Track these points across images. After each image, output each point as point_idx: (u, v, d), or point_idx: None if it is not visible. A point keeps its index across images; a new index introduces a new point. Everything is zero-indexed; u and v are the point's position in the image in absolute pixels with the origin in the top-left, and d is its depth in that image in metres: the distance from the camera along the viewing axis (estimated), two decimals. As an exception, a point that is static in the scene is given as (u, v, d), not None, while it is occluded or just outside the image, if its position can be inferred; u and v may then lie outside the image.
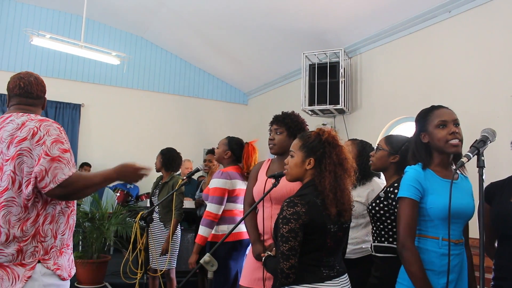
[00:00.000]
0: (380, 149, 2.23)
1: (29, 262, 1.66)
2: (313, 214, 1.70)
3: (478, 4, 3.96)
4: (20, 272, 1.64)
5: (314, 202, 1.73)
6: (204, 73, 8.34)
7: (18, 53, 6.85)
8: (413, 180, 1.80)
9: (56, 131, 1.73)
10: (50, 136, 1.70)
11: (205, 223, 3.00)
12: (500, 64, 3.75)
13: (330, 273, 1.75)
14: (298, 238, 1.67)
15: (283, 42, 6.08)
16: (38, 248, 1.69)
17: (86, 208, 5.00)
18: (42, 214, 1.71)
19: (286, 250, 1.67)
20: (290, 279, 1.68)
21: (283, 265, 1.67)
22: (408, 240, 1.74)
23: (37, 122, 1.73)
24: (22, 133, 1.69)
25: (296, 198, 1.74)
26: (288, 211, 1.69)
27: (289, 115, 2.52)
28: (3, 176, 1.67)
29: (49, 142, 1.68)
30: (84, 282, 4.55)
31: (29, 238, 1.67)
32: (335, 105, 5.33)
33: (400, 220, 1.78)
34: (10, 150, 1.68)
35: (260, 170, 2.59)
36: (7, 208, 1.65)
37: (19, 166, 1.67)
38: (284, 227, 1.68)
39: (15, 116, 1.78)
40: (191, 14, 6.39)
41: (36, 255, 1.68)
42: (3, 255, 1.63)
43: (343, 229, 1.82)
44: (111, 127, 7.47)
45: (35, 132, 1.69)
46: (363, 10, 4.82)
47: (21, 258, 1.65)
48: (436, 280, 1.75)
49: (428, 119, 1.87)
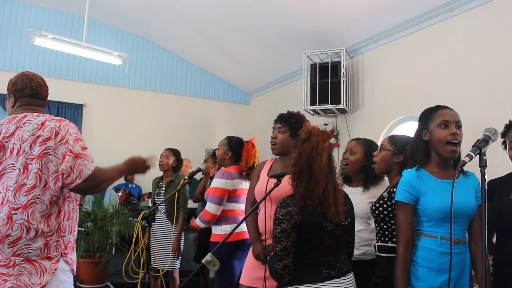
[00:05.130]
0: (384, 149, 2.22)
1: (55, 255, 1.75)
2: (305, 214, 1.71)
3: (480, 3, 3.95)
4: (47, 265, 1.72)
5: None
6: (205, 73, 8.35)
7: (20, 54, 6.86)
8: (406, 184, 1.85)
9: (75, 130, 1.84)
10: (71, 135, 1.80)
11: (202, 220, 3.03)
12: (502, 63, 3.74)
13: (331, 273, 1.75)
14: (290, 238, 1.68)
15: (284, 42, 6.08)
16: (59, 242, 1.78)
17: (88, 208, 5.01)
18: (63, 210, 1.80)
19: (279, 251, 1.68)
20: (284, 279, 1.69)
21: (277, 266, 1.69)
22: (399, 243, 1.81)
23: (56, 122, 1.81)
24: (45, 132, 1.76)
25: (288, 199, 1.75)
26: (281, 212, 1.71)
27: (294, 115, 2.51)
28: (30, 174, 1.73)
29: (71, 141, 1.78)
30: (86, 282, 4.56)
31: (54, 233, 1.76)
32: (337, 105, 5.33)
33: (395, 222, 1.88)
34: (35, 149, 1.74)
35: (263, 170, 2.59)
36: (35, 205, 1.72)
37: (46, 165, 1.74)
38: (276, 227, 1.70)
39: (30, 116, 1.83)
40: (193, 14, 6.39)
41: (59, 248, 1.77)
42: (32, 249, 1.71)
43: (343, 227, 1.81)
44: (113, 127, 7.48)
45: (57, 132, 1.77)
46: (365, 10, 4.81)
47: (47, 252, 1.73)
48: (434, 278, 1.77)
49: (431, 118, 1.88)
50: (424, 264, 1.79)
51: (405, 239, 1.81)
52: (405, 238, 1.81)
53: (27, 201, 1.71)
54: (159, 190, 4.13)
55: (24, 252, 1.69)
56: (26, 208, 1.70)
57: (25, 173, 1.73)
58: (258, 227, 2.49)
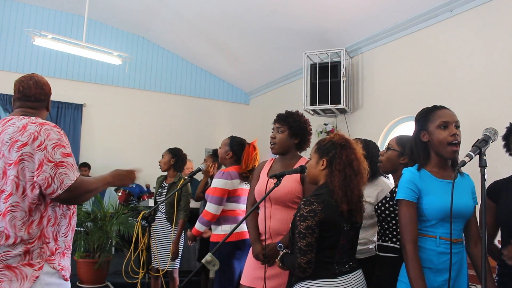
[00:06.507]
0: (391, 149, 2.22)
1: (37, 263, 1.70)
2: (328, 212, 1.80)
3: (480, 3, 3.95)
4: (29, 272, 1.67)
5: (329, 201, 1.82)
6: (205, 73, 8.35)
7: (20, 54, 6.87)
8: (408, 182, 1.83)
9: (57, 135, 1.74)
10: (51, 140, 1.72)
11: (201, 221, 3.03)
12: (502, 63, 3.75)
13: (343, 269, 1.84)
14: (314, 234, 1.77)
15: (284, 42, 6.08)
16: (44, 249, 1.72)
17: (88, 208, 5.01)
18: (45, 216, 1.73)
19: (304, 246, 1.77)
20: (307, 273, 1.79)
21: (301, 260, 1.77)
22: (406, 242, 1.77)
23: (37, 126, 1.74)
24: (23, 137, 1.70)
25: (312, 197, 1.83)
26: (305, 209, 1.79)
27: (292, 115, 2.51)
28: (7, 181, 1.70)
29: (50, 148, 1.70)
30: (86, 282, 4.56)
31: (35, 240, 1.70)
32: (337, 105, 5.33)
33: (399, 222, 1.83)
34: (12, 154, 1.70)
35: (263, 170, 2.59)
36: (12, 213, 1.68)
37: (22, 171, 1.69)
38: (301, 224, 1.78)
39: (16, 119, 1.80)
40: (193, 14, 6.39)
41: (43, 255, 1.72)
42: (10, 256, 1.67)
43: (355, 229, 1.92)
44: (113, 127, 7.49)
45: (35, 137, 1.70)
46: (365, 10, 4.81)
47: (28, 258, 1.69)
48: (433, 277, 1.77)
49: (429, 119, 1.87)
50: (422, 264, 1.78)
51: (412, 238, 1.76)
52: (413, 237, 1.76)
53: (5, 209, 1.67)
54: (161, 190, 4.11)
55: (3, 259, 1.65)
56: (4, 215, 1.67)
57: (4, 178, 1.70)
58: (258, 227, 2.49)
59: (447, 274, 1.72)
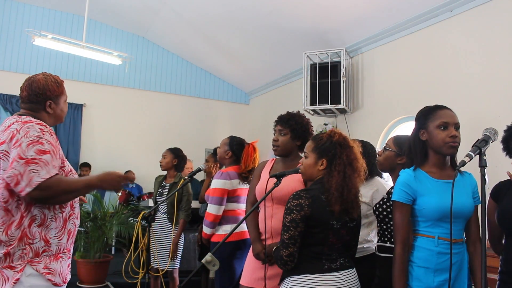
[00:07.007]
0: (387, 149, 2.22)
1: (18, 265, 1.64)
2: (315, 208, 1.79)
3: (480, 3, 3.95)
4: (10, 274, 1.62)
5: (319, 197, 1.81)
6: (205, 73, 8.35)
7: (20, 54, 6.86)
8: (403, 184, 1.85)
9: (37, 132, 1.68)
10: (28, 138, 1.65)
11: (206, 224, 3.04)
12: (502, 63, 3.75)
13: (332, 266, 1.82)
14: (298, 228, 1.77)
15: (284, 42, 6.08)
16: (26, 250, 1.66)
17: (88, 208, 5.01)
18: (26, 217, 1.67)
19: (286, 239, 1.78)
20: (288, 266, 1.80)
21: (282, 253, 1.79)
22: (396, 243, 1.82)
23: (19, 125, 1.69)
24: (4, 136, 1.68)
25: (302, 192, 1.84)
26: (293, 203, 1.80)
27: (294, 116, 2.49)
28: None
29: (24, 145, 1.63)
30: (86, 282, 4.57)
31: (15, 242, 1.64)
32: (337, 105, 5.33)
33: (393, 223, 1.87)
34: None
35: (264, 169, 2.58)
36: None
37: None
38: (286, 217, 1.79)
39: (9, 119, 1.79)
40: (193, 14, 6.39)
41: (24, 257, 1.65)
42: None
43: (348, 228, 1.87)
44: (113, 127, 7.49)
45: (13, 135, 1.66)
46: (365, 10, 4.81)
47: (9, 260, 1.63)
48: (432, 277, 1.77)
49: (430, 118, 1.87)
50: (421, 264, 1.79)
51: (402, 239, 1.81)
52: (402, 238, 1.81)
53: None
54: (162, 190, 4.11)
55: None
56: None
57: None
58: (258, 226, 2.49)
59: (446, 274, 1.72)
